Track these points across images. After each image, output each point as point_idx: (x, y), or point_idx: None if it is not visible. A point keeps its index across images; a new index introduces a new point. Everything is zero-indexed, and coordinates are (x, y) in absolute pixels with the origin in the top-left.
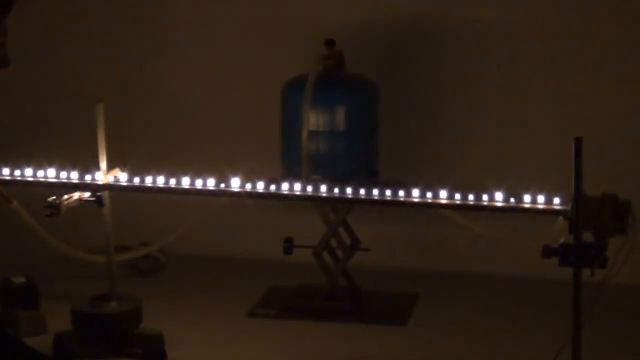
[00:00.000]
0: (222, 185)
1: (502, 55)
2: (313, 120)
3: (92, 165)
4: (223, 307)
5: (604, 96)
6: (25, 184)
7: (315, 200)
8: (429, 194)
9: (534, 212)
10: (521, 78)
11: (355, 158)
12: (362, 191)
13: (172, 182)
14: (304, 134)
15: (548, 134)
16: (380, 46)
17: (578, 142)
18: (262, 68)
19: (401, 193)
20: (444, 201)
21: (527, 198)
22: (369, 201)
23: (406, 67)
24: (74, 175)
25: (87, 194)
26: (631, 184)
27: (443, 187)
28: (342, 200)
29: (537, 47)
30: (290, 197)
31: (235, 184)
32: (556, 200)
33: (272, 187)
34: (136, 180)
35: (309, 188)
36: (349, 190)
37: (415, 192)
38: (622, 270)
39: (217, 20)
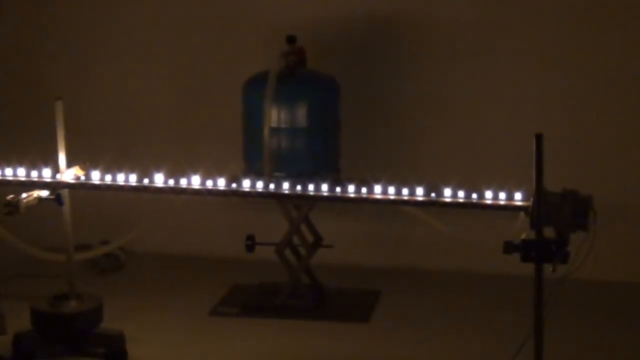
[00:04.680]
0: (183, 183)
1: (464, 53)
2: (274, 117)
3: (51, 163)
4: (185, 305)
5: (564, 93)
6: None
7: (277, 197)
8: (391, 191)
9: (495, 208)
10: (483, 75)
11: (317, 155)
12: (324, 188)
13: (133, 179)
14: (266, 131)
15: (509, 131)
16: (342, 43)
17: (539, 138)
18: (223, 65)
19: (364, 190)
20: (406, 198)
21: (488, 194)
22: (331, 198)
23: (368, 64)
24: (33, 173)
25: (46, 192)
26: (592, 179)
27: (405, 184)
28: (304, 197)
29: (499, 44)
30: (252, 195)
31: (196, 181)
32: (517, 197)
33: (234, 185)
34: (96, 177)
35: (271, 185)
36: (311, 187)
37: (378, 189)
38: (583, 266)
39: (178, 18)
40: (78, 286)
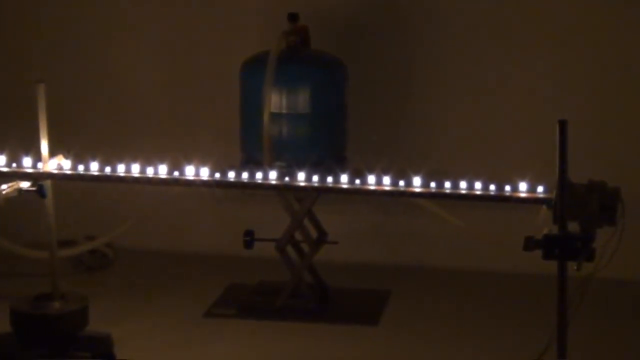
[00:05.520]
0: (176, 173)
1: (479, 33)
2: (275, 101)
3: (32, 151)
4: (177, 306)
5: (590, 75)
6: None
7: (278, 189)
8: (401, 182)
9: (515, 200)
10: (500, 56)
11: (321, 143)
12: (329, 179)
13: (121, 169)
14: (266, 117)
15: (530, 117)
16: (348, 20)
17: (562, 124)
18: (218, 45)
19: (372, 181)
20: (418, 189)
21: (507, 186)
22: (337, 190)
23: (377, 44)
24: (13, 163)
25: (27, 184)
26: (620, 170)
27: (417, 174)
28: (307, 188)
29: (518, 23)
30: (251, 186)
31: (190, 171)
32: (539, 188)
33: (231, 175)
34: (81, 167)
35: (271, 176)
36: (315, 177)
37: (387, 180)
38: (610, 264)
39: None
40: (62, 285)
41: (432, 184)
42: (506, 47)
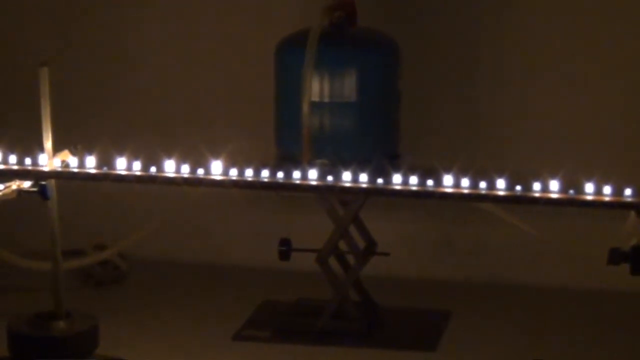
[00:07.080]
0: (200, 172)
1: (562, 9)
2: (316, 88)
3: (34, 146)
4: (201, 327)
5: None
6: None
7: (319, 190)
8: (464, 183)
9: (598, 205)
10: (580, 35)
11: (370, 136)
12: (379, 179)
13: (137, 167)
14: (305, 107)
15: (616, 107)
16: None
17: None
18: (250, 22)
19: (430, 182)
20: (484, 192)
21: (589, 188)
22: (388, 192)
23: (435, 21)
24: (11, 159)
25: (27, 183)
26: None
27: (483, 175)
28: (353, 190)
29: (609, 4)
30: (288, 187)
31: (217, 170)
32: (627, 191)
33: (264, 174)
34: (90, 165)
35: (311, 175)
36: (362, 177)
37: (448, 181)
38: None
39: None
40: (67, 302)
41: (501, 186)
42: (589, 26)
